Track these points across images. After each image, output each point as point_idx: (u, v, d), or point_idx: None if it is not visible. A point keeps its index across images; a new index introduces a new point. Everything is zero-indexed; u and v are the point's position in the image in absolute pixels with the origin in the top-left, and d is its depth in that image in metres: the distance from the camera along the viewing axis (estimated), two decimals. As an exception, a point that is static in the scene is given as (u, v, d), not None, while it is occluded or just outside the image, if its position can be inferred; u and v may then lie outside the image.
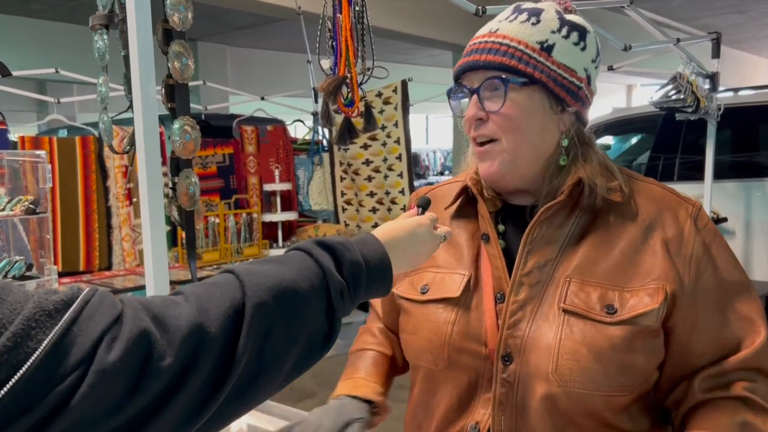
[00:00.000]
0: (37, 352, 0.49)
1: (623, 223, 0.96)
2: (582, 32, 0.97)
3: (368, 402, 1.06)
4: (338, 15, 1.47)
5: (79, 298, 0.54)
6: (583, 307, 0.91)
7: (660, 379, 0.96)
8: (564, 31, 0.96)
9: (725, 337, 0.93)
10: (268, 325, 0.64)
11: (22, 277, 2.25)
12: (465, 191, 1.07)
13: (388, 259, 0.78)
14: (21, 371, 0.48)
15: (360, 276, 0.74)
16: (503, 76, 0.93)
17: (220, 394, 0.60)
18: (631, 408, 0.94)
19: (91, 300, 0.55)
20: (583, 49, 0.97)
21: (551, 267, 0.96)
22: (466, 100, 0.99)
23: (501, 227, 1.03)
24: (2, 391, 0.47)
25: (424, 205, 0.96)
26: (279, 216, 4.15)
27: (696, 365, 0.94)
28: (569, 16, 0.98)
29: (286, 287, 0.66)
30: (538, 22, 0.95)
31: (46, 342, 0.50)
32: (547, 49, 0.94)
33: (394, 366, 1.18)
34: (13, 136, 3.79)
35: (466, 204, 1.08)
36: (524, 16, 0.96)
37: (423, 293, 1.04)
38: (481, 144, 0.98)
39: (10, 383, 0.47)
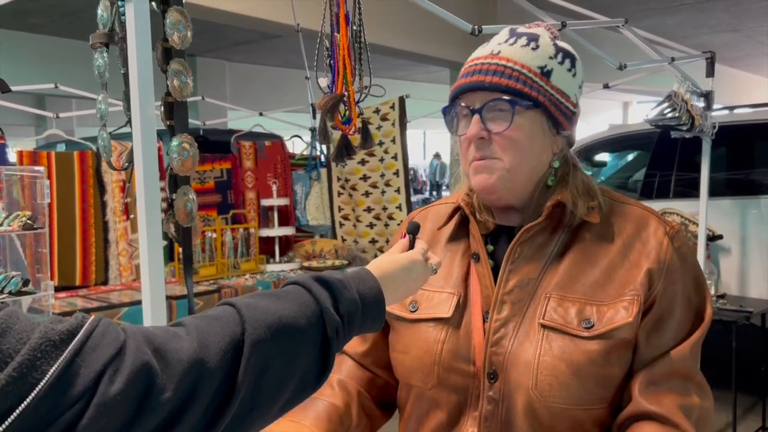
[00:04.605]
0: (42, 383, 0.49)
1: (604, 243, 0.98)
2: (573, 59, 1.01)
3: None
4: (336, 34, 1.49)
5: (83, 329, 0.55)
6: (561, 322, 0.93)
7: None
8: (559, 58, 0.99)
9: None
10: (266, 362, 0.64)
11: (19, 293, 2.25)
12: (457, 212, 1.09)
13: (383, 296, 0.80)
14: (26, 402, 0.48)
15: (355, 313, 0.75)
16: (509, 98, 0.95)
17: (215, 429, 0.60)
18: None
19: (95, 330, 0.55)
20: (574, 75, 1.01)
21: (533, 285, 0.98)
22: (464, 119, 1.01)
23: (490, 247, 1.05)
24: (7, 422, 0.47)
25: (413, 231, 0.97)
26: (276, 231, 4.15)
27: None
28: (560, 43, 1.02)
29: (284, 324, 0.67)
30: (537, 47, 0.98)
31: (50, 373, 0.50)
32: (546, 73, 0.97)
33: (344, 421, 1.09)
34: (12, 151, 3.80)
35: (458, 225, 1.09)
36: (524, 40, 0.99)
37: (412, 311, 1.06)
38: (481, 159, 1.00)
39: (15, 414, 0.48)
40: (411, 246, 0.95)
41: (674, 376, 0.93)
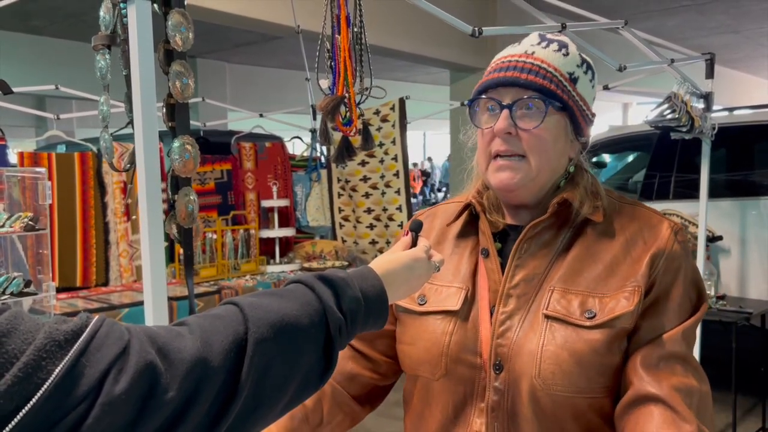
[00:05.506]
0: (47, 384, 0.50)
1: (608, 240, 1.01)
2: (593, 72, 1.06)
3: None
4: (337, 35, 1.49)
5: (88, 329, 0.55)
6: (563, 312, 0.96)
7: None
8: (584, 67, 1.04)
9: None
10: (269, 361, 0.65)
11: (20, 294, 2.25)
12: (467, 210, 1.11)
13: (386, 295, 0.80)
14: (31, 402, 0.48)
15: (358, 312, 0.75)
16: (543, 98, 0.98)
17: (218, 428, 0.60)
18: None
19: (99, 330, 0.55)
20: (593, 86, 1.06)
21: (539, 280, 1.01)
22: (489, 113, 1.03)
23: (498, 244, 1.08)
24: (13, 422, 0.47)
25: (416, 229, 0.98)
26: (276, 232, 4.15)
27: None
28: (583, 54, 1.06)
29: (287, 323, 0.67)
30: (568, 54, 1.02)
31: (56, 373, 0.50)
32: (574, 80, 1.02)
33: (310, 419, 1.12)
34: (12, 152, 3.80)
35: (467, 223, 1.11)
36: (555, 45, 1.03)
37: (421, 304, 1.08)
38: (504, 157, 1.02)
39: (21, 414, 0.48)
40: (414, 243, 0.96)
41: (671, 357, 0.94)
